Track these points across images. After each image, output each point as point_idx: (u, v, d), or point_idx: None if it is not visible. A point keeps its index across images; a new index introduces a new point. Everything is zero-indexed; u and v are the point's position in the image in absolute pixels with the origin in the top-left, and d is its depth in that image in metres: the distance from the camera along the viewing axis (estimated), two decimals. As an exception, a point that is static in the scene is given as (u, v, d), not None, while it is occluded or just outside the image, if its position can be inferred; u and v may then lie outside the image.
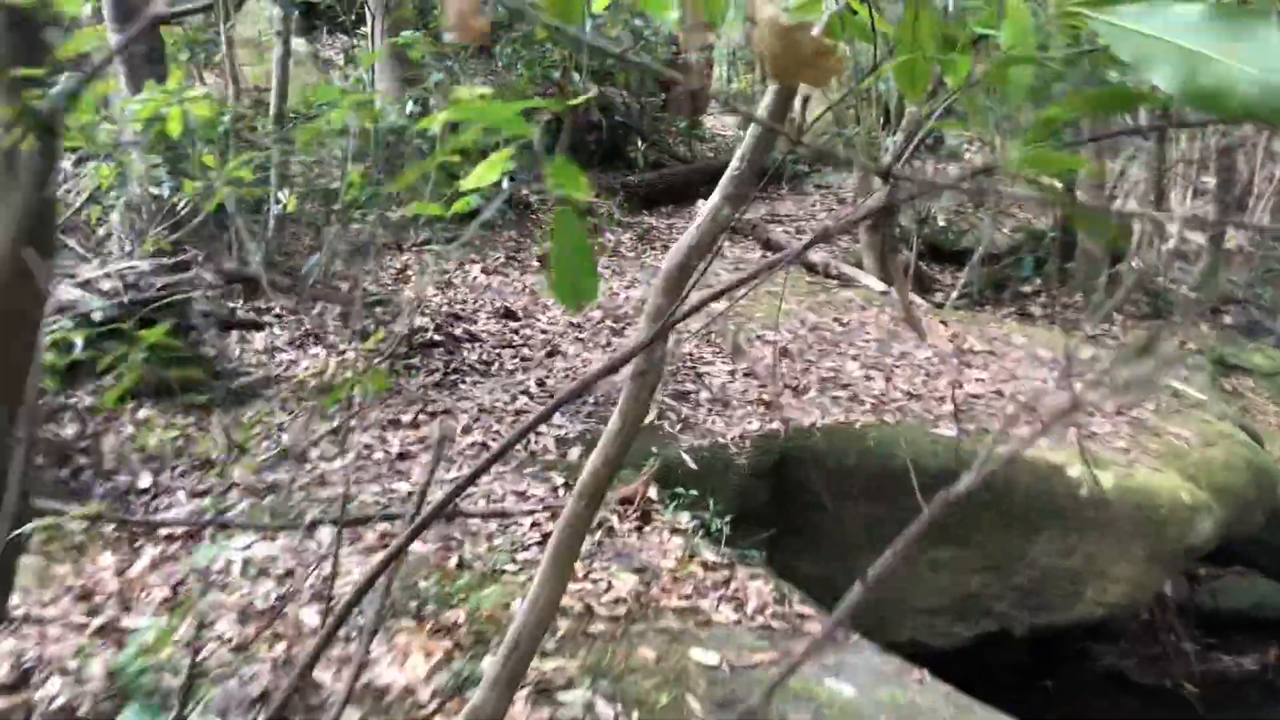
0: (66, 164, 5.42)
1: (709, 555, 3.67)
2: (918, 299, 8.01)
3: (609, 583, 3.43)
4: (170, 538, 3.73)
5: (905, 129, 8.60)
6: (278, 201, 5.65)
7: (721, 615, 3.32)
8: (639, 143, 11.42)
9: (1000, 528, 4.97)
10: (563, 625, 3.11)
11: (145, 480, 4.18)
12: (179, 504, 3.96)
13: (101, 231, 5.34)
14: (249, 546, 3.65)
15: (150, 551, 3.63)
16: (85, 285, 5.06)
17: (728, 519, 3.94)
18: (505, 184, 9.38)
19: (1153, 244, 11.00)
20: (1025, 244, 10.40)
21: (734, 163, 2.12)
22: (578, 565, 3.52)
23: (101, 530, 3.76)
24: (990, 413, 5.53)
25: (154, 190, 5.12)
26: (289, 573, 3.45)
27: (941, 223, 10.63)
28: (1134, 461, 5.06)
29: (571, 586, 3.36)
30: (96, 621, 3.06)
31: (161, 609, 3.17)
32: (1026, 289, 9.87)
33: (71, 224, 5.54)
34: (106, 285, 5.03)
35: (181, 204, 5.10)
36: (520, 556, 3.61)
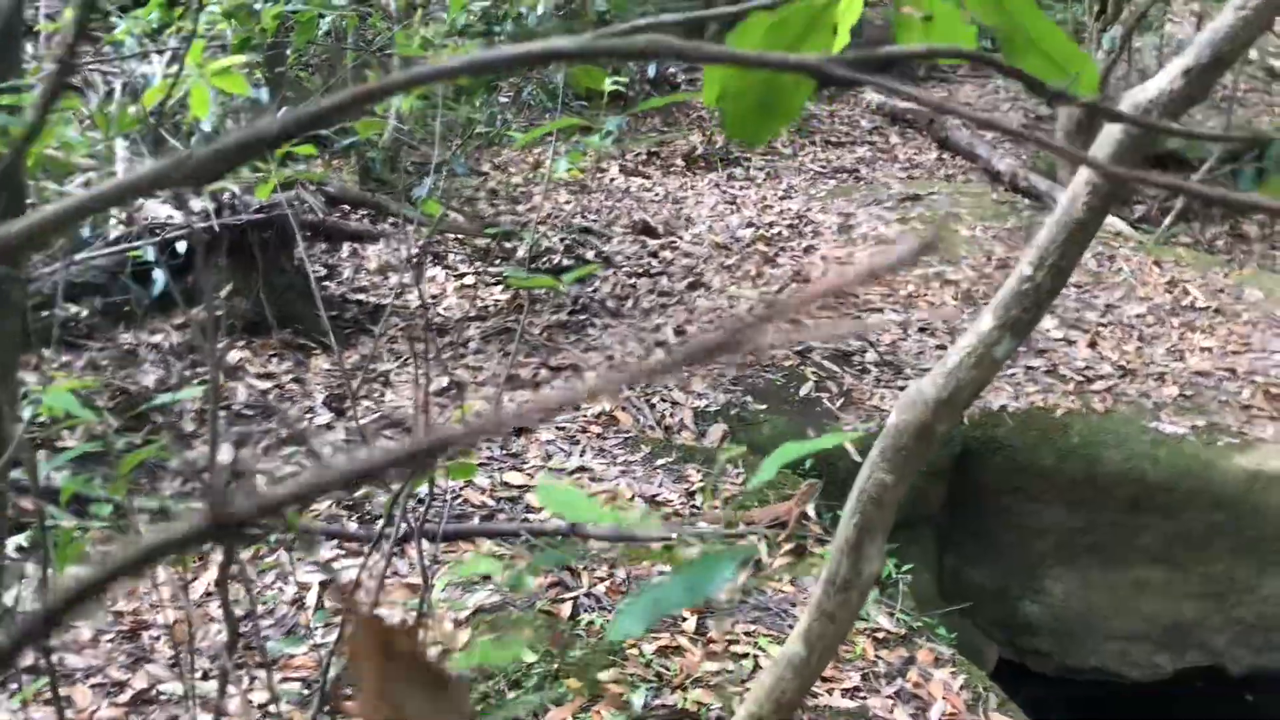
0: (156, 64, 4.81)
1: (883, 621, 2.94)
2: (1122, 224, 6.85)
3: (752, 659, 2.74)
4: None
5: (1125, 21, 7.26)
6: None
7: (897, 726, 2.61)
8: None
9: (1230, 553, 4.09)
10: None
11: (225, 454, 3.65)
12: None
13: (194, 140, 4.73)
14: (326, 564, 3.10)
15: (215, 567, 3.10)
16: (178, 203, 4.51)
17: (906, 569, 3.18)
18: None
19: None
20: (1245, 149, 8.88)
21: (1030, 259, 1.29)
22: (711, 632, 2.84)
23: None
24: (1222, 399, 4.54)
25: (251, 95, 4.46)
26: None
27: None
28: None
29: (706, 666, 2.70)
30: (135, 684, 2.55)
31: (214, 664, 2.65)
32: (1243, 203, 8.47)
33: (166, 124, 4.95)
34: (198, 205, 4.46)
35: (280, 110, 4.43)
36: (646, 607, 2.94)
